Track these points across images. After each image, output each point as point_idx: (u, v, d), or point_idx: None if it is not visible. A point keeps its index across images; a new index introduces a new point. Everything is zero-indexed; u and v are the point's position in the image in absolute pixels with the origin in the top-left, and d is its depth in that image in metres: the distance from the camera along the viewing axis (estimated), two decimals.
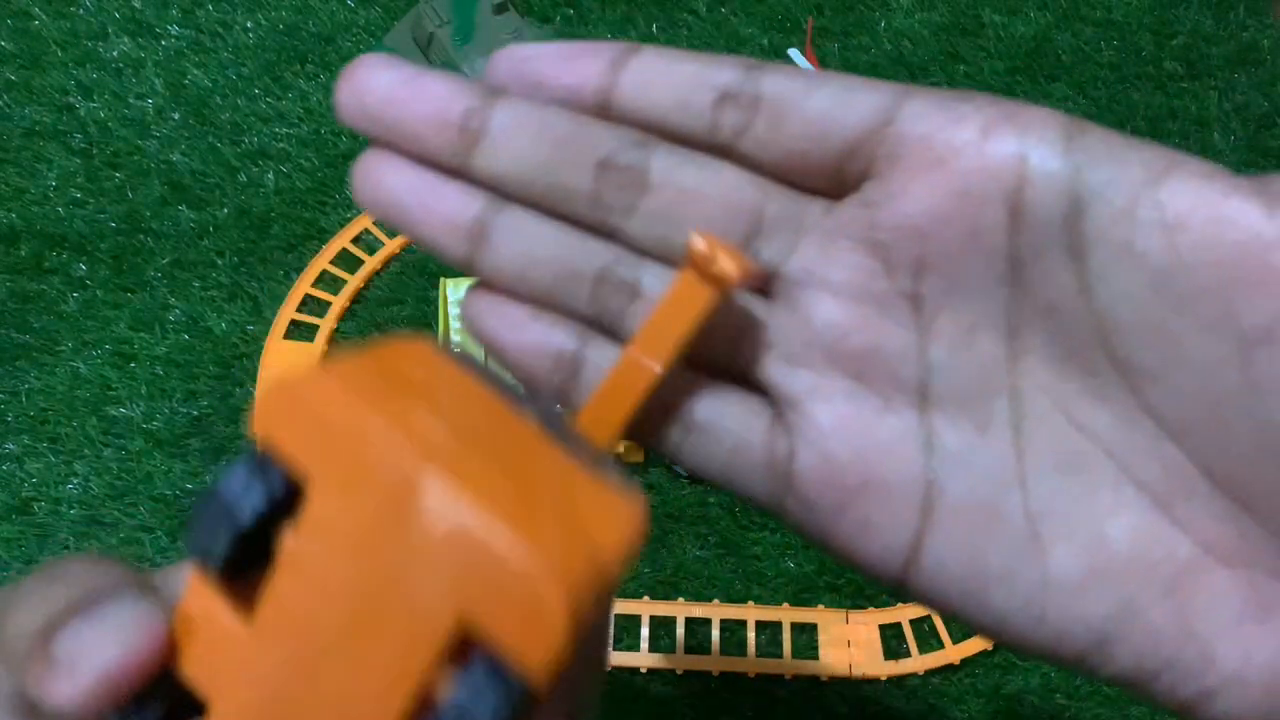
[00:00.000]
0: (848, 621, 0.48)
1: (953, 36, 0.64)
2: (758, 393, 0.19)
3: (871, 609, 0.49)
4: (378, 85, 0.18)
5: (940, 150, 0.17)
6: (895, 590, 0.18)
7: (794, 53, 0.64)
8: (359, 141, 0.59)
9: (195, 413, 0.52)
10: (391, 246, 0.56)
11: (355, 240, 0.56)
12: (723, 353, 0.19)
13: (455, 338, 0.51)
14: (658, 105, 0.18)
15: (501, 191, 0.19)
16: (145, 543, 0.49)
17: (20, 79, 0.60)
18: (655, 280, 0.19)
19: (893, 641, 0.48)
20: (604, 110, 0.18)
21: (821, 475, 0.18)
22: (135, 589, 0.15)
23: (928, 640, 0.48)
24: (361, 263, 0.56)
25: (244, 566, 0.14)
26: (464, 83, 0.18)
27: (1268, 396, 0.15)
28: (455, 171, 0.18)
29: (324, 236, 0.56)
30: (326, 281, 0.56)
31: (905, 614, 0.48)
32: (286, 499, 0.13)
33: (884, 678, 0.47)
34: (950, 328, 0.17)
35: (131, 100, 0.60)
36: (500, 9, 0.59)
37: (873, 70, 0.63)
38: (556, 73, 0.18)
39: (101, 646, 0.14)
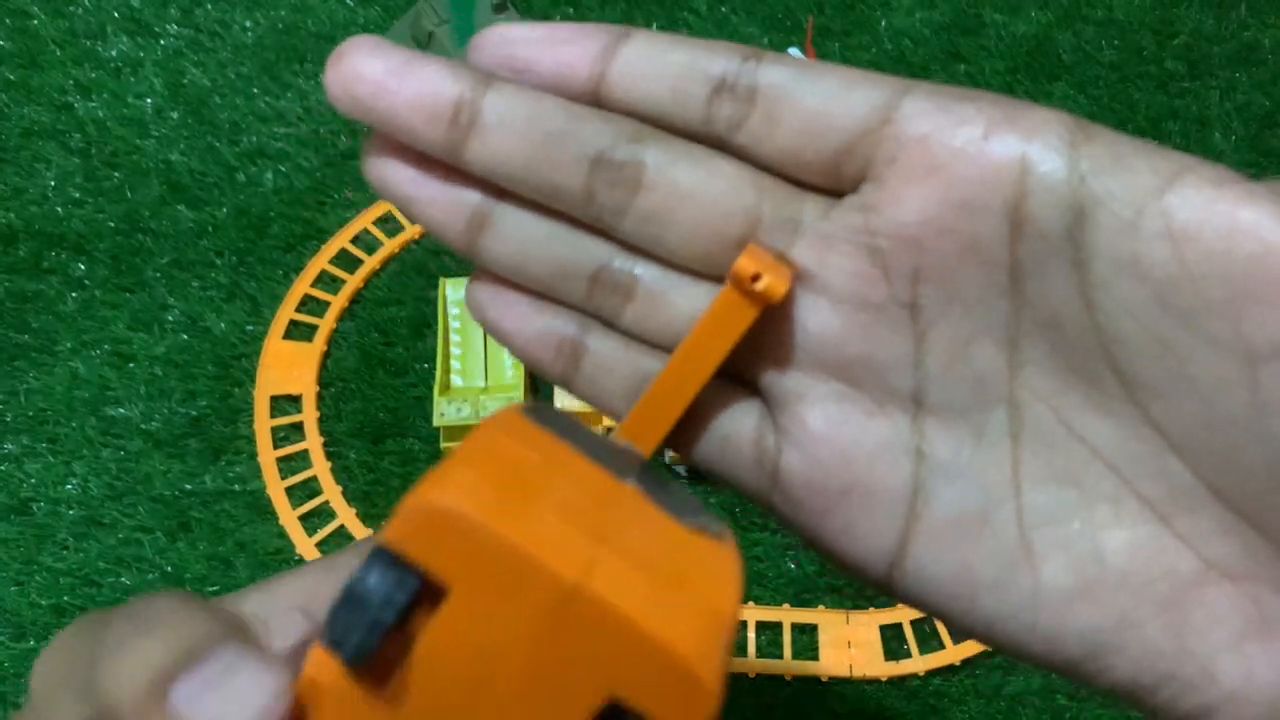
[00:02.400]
0: (848, 622, 0.48)
1: (953, 35, 0.64)
2: (748, 387, 0.19)
3: (872, 609, 0.49)
4: (367, 73, 0.17)
5: (939, 154, 0.16)
6: (882, 590, 0.18)
7: (794, 51, 0.64)
8: (358, 141, 0.59)
9: (194, 413, 0.52)
10: (391, 246, 0.56)
11: (354, 240, 0.56)
12: None
13: (455, 337, 0.51)
14: (651, 95, 0.18)
15: (495, 185, 0.18)
16: (144, 543, 0.49)
17: (18, 78, 0.60)
18: (651, 278, 0.18)
19: (893, 642, 0.48)
20: (595, 98, 0.18)
21: (806, 477, 0.18)
22: (242, 644, 0.14)
23: (928, 641, 0.48)
24: (360, 262, 0.56)
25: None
26: (454, 70, 0.18)
27: (1278, 416, 0.15)
28: (450, 164, 0.18)
29: (323, 236, 0.56)
30: (325, 281, 0.55)
31: (906, 614, 0.48)
32: (420, 597, 0.14)
33: (885, 678, 0.47)
34: (947, 338, 0.17)
35: (130, 100, 0.60)
36: (500, 8, 0.58)
37: (873, 69, 0.63)
38: (542, 58, 0.18)
39: (229, 712, 0.13)
